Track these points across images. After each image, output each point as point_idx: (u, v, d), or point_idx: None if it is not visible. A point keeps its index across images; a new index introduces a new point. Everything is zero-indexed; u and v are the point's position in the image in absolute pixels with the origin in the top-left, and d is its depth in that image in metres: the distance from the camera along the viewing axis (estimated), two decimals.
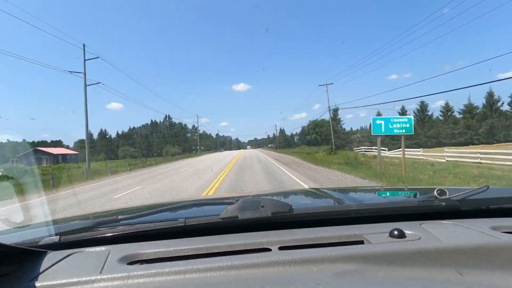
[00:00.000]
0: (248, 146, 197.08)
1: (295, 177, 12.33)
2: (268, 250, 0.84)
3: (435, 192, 1.08)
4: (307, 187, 7.98)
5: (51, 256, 0.87)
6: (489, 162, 15.35)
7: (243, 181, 11.46)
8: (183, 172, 18.36)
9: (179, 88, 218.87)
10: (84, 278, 0.71)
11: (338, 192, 1.66)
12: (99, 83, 23.30)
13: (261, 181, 11.41)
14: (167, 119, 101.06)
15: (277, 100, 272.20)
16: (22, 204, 9.46)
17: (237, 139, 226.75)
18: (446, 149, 21.53)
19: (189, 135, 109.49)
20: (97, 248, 0.91)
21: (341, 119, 59.82)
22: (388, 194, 1.99)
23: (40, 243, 0.95)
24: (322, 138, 73.83)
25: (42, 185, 13.57)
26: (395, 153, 25.95)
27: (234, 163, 24.24)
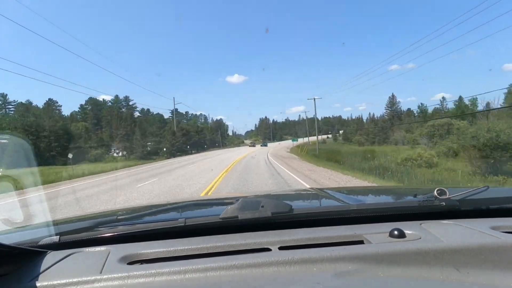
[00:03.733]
0: (248, 141, 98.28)
1: None
2: (268, 250, 0.84)
3: (435, 192, 1.08)
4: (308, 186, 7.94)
5: (51, 256, 0.87)
6: None
7: None
8: None
9: (174, 80, 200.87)
10: (84, 278, 0.71)
11: (338, 192, 1.66)
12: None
13: None
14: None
15: (276, 92, 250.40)
16: None
17: (220, 119, 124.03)
18: None
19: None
20: (97, 248, 0.91)
21: None
22: (388, 194, 1.99)
23: (40, 243, 0.95)
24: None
25: None
26: None
27: None
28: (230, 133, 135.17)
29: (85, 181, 15.47)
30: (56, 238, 0.96)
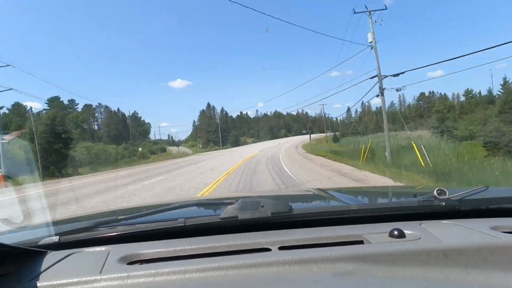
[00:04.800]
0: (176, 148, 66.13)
1: None
2: (268, 250, 0.84)
3: (434, 192, 1.08)
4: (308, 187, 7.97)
5: (51, 256, 0.87)
6: None
7: None
8: None
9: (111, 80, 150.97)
10: (84, 278, 0.71)
11: (338, 192, 1.66)
12: None
13: None
14: None
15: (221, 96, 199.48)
16: None
17: (134, 113, 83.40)
18: None
19: None
20: (97, 248, 0.91)
21: None
22: (388, 194, 2.00)
23: (40, 243, 0.95)
24: None
25: None
26: None
27: None
28: (163, 136, 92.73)
29: None
30: (56, 238, 0.96)
